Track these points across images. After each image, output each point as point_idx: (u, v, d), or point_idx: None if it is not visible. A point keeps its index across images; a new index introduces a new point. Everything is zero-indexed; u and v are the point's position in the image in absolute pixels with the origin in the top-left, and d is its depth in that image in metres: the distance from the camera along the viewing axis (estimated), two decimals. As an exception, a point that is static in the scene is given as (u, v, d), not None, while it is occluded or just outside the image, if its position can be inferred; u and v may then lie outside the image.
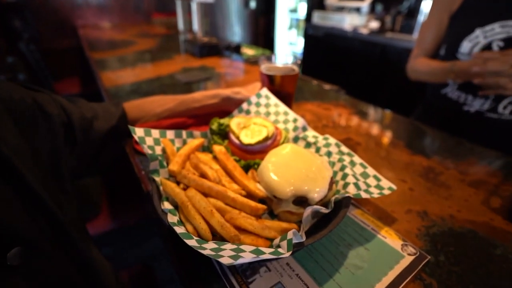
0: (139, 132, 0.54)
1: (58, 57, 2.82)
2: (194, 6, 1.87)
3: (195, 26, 1.96)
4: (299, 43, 4.20)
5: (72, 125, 0.58)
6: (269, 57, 0.82)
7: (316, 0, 3.41)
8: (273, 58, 0.82)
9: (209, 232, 0.41)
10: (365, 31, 2.79)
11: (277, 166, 0.50)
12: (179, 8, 2.29)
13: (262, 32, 4.47)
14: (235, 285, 0.41)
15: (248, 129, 0.62)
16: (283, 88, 0.78)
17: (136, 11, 3.18)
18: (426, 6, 2.45)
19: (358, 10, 3.07)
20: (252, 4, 4.16)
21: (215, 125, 0.64)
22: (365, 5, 2.98)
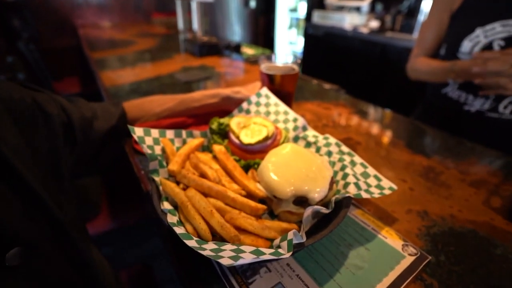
0: (139, 132, 0.54)
1: (58, 57, 2.81)
2: (194, 6, 1.87)
3: (195, 26, 1.95)
4: (299, 43, 4.20)
5: (72, 125, 0.58)
6: (269, 57, 0.82)
7: (316, 0, 3.41)
8: (273, 58, 0.82)
9: (209, 233, 0.40)
10: (365, 31, 2.79)
11: (277, 166, 0.49)
12: (179, 8, 2.28)
13: (262, 32, 4.46)
14: (235, 286, 0.41)
15: (248, 129, 0.62)
16: (283, 88, 0.78)
17: (136, 11, 3.18)
18: (426, 6, 2.44)
19: (358, 10, 3.06)
20: (252, 4, 4.16)
21: (215, 125, 0.63)
22: (365, 5, 2.97)
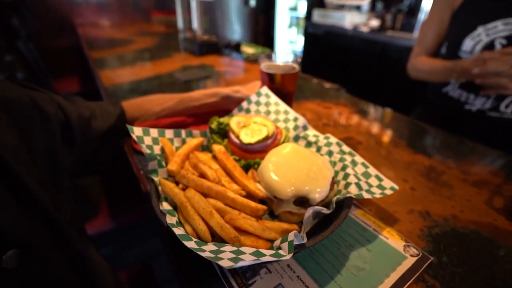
0: (138, 132, 0.54)
1: (57, 56, 2.80)
2: (194, 4, 1.86)
3: (195, 24, 1.94)
4: (299, 42, 4.19)
5: (70, 125, 0.57)
6: (269, 55, 0.81)
7: (316, -2, 3.40)
8: (273, 56, 0.82)
9: (209, 233, 0.40)
10: (366, 30, 2.78)
11: (278, 166, 0.49)
12: (179, 6, 2.27)
13: (262, 31, 4.45)
14: (235, 287, 0.40)
15: (248, 128, 0.61)
16: (284, 87, 0.78)
17: (135, 9, 3.17)
18: (427, 4, 2.44)
19: (359, 8, 3.05)
20: (252, 2, 4.14)
21: (215, 124, 0.63)
22: (366, 3, 2.96)
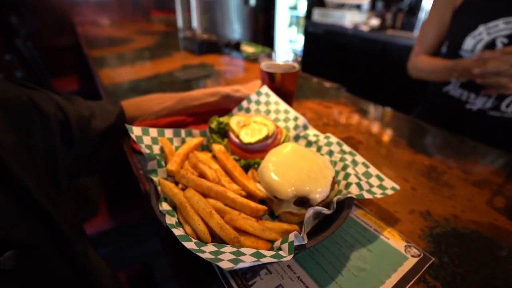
0: (137, 131, 0.53)
1: (57, 55, 2.79)
2: (193, 3, 1.86)
3: (194, 23, 1.94)
4: (299, 41, 4.18)
5: (69, 124, 0.57)
6: (269, 54, 0.81)
7: (316, -3, 3.39)
8: (274, 55, 0.81)
9: (208, 234, 0.40)
10: (366, 29, 2.77)
11: (278, 166, 0.48)
12: (178, 5, 2.27)
13: (262, 30, 4.44)
14: (235, 288, 0.40)
15: (248, 128, 0.61)
16: (284, 86, 0.77)
17: (135, 8, 3.16)
18: (427, 3, 2.43)
19: (359, 7, 3.05)
20: (252, 1, 4.13)
21: (215, 124, 0.62)
22: (366, 2, 2.96)
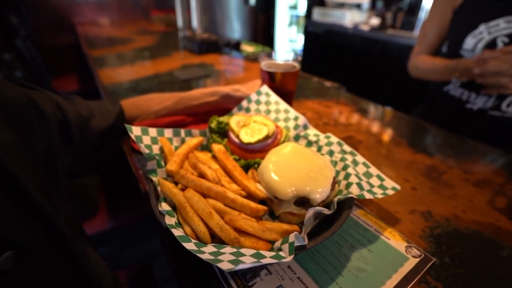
0: (136, 131, 0.53)
1: (56, 54, 2.79)
2: (193, 3, 1.85)
3: (194, 23, 1.94)
4: (299, 40, 4.17)
5: (68, 124, 0.56)
6: (270, 54, 0.81)
7: (316, -3, 3.39)
8: (274, 55, 0.81)
9: (208, 235, 0.39)
10: (366, 28, 2.77)
11: (278, 166, 0.48)
12: (178, 5, 2.26)
13: (262, 29, 4.43)
14: (235, 289, 0.40)
15: (248, 128, 0.61)
16: (284, 86, 0.77)
17: (135, 8, 3.15)
18: (427, 3, 2.42)
19: (359, 7, 3.04)
20: (252, 1, 4.12)
21: (214, 123, 0.62)
22: (366, 2, 2.95)
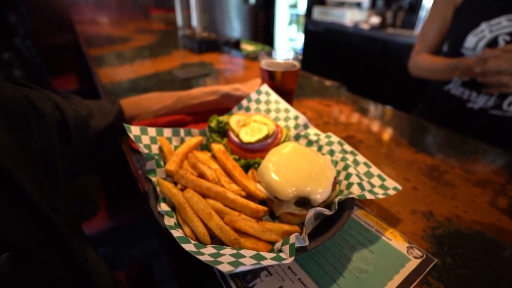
0: (135, 131, 0.53)
1: (56, 53, 2.78)
2: (193, 1, 1.84)
3: (194, 22, 1.93)
4: (299, 39, 4.16)
5: (67, 124, 0.56)
6: (270, 53, 0.80)
7: (316, -5, 3.38)
8: (274, 54, 0.80)
9: (208, 236, 0.39)
10: (366, 27, 2.76)
11: (278, 166, 0.48)
12: (178, 4, 2.25)
13: (262, 28, 4.42)
14: (235, 290, 0.39)
15: (248, 127, 0.60)
16: (284, 84, 0.76)
17: (134, 7, 3.14)
18: (428, 1, 2.41)
19: (359, 6, 3.03)
20: (252, 0, 4.12)
21: (214, 123, 0.62)
22: (366, 1, 2.94)
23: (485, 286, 0.40)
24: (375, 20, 2.80)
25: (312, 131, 0.62)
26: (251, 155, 0.57)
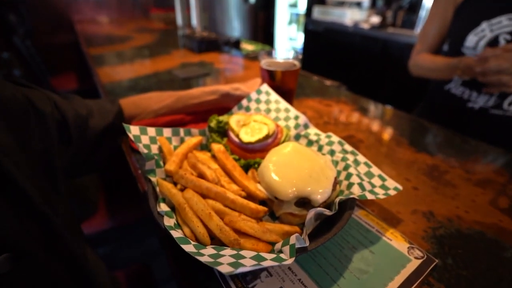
0: (134, 131, 0.52)
1: (55, 52, 2.78)
2: (193, 1, 1.84)
3: (194, 21, 1.93)
4: (299, 39, 4.16)
5: (67, 123, 0.56)
6: (270, 52, 0.80)
7: (317, -5, 3.37)
8: (274, 53, 0.80)
9: (208, 236, 0.39)
10: (366, 26, 2.75)
11: (279, 166, 0.48)
12: (178, 3, 2.25)
13: (262, 27, 4.42)
14: (235, 291, 0.39)
15: (248, 127, 0.60)
16: (284, 84, 0.76)
17: (134, 6, 3.14)
18: (428, 1, 2.41)
19: (359, 5, 3.03)
20: (252, -1, 4.11)
21: (214, 123, 0.61)
22: (366, 0, 2.94)
23: (486, 287, 0.40)
24: (375, 20, 2.80)
25: (312, 131, 0.62)
26: (251, 155, 0.57)
